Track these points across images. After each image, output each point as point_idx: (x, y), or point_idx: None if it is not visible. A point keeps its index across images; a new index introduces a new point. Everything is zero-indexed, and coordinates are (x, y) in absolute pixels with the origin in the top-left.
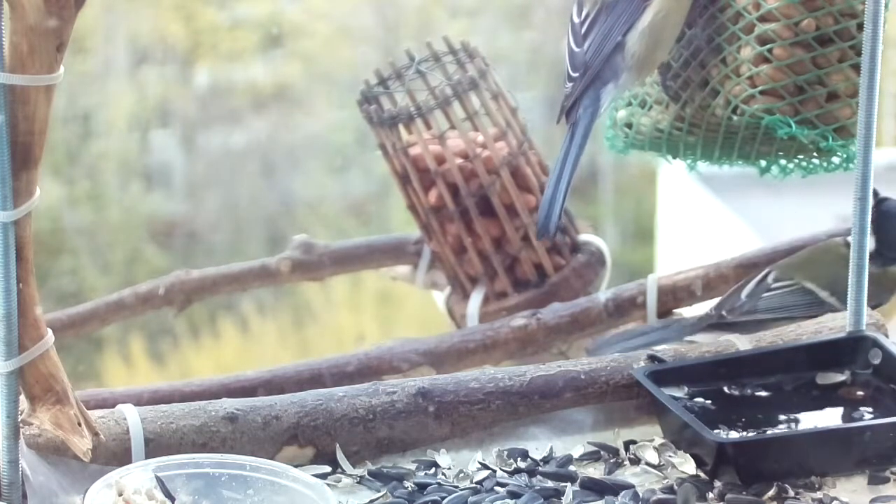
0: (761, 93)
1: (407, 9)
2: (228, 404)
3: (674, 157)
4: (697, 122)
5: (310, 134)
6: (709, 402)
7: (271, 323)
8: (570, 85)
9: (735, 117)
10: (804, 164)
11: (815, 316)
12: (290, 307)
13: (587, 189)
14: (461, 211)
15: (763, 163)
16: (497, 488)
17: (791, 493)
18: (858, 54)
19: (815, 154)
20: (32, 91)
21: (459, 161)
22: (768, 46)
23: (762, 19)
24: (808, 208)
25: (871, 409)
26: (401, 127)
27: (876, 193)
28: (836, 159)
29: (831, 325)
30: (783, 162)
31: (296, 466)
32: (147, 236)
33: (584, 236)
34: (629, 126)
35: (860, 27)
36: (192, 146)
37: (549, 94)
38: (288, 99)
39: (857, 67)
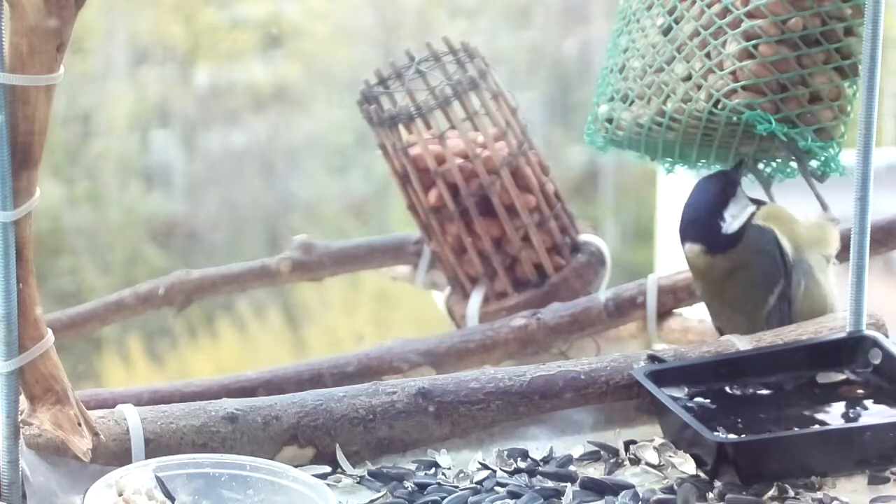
0: (744, 88)
1: (407, 9)
2: (228, 404)
3: (652, 158)
4: (678, 117)
5: (310, 134)
6: (709, 402)
7: (269, 323)
8: None
9: (716, 111)
10: (782, 166)
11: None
12: (288, 307)
13: (587, 189)
14: (461, 211)
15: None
16: (497, 488)
17: (791, 493)
18: (844, 58)
19: (793, 157)
20: (32, 91)
21: (459, 161)
22: (754, 42)
23: (749, 15)
24: (807, 208)
25: (870, 409)
26: (401, 127)
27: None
28: (814, 162)
29: (831, 325)
30: (761, 165)
31: (296, 466)
32: (147, 236)
33: (584, 236)
34: (610, 121)
35: (847, 31)
36: (192, 146)
37: (549, 94)
38: (288, 99)
39: (841, 71)
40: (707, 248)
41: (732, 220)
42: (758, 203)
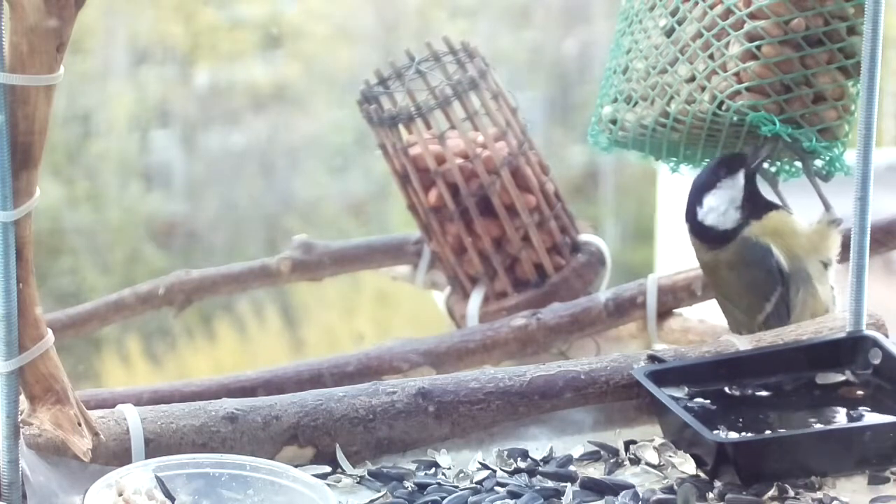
0: (747, 89)
1: (407, 9)
2: (228, 404)
3: (656, 158)
4: (682, 118)
5: (309, 134)
6: (709, 402)
7: (268, 324)
8: None
9: (720, 113)
10: (787, 167)
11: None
12: (287, 308)
13: (587, 189)
14: (461, 211)
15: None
16: (497, 488)
17: (791, 493)
18: (847, 57)
19: (797, 157)
20: (32, 91)
21: (459, 161)
22: (757, 43)
23: (752, 16)
24: (807, 208)
25: (871, 409)
26: (401, 127)
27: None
28: (818, 162)
29: (831, 326)
30: (766, 165)
31: (296, 466)
32: (147, 236)
33: (584, 236)
34: (614, 122)
35: (850, 30)
36: (192, 146)
37: (549, 94)
38: (288, 99)
39: (844, 70)
40: (689, 229)
41: (709, 211)
42: (766, 207)
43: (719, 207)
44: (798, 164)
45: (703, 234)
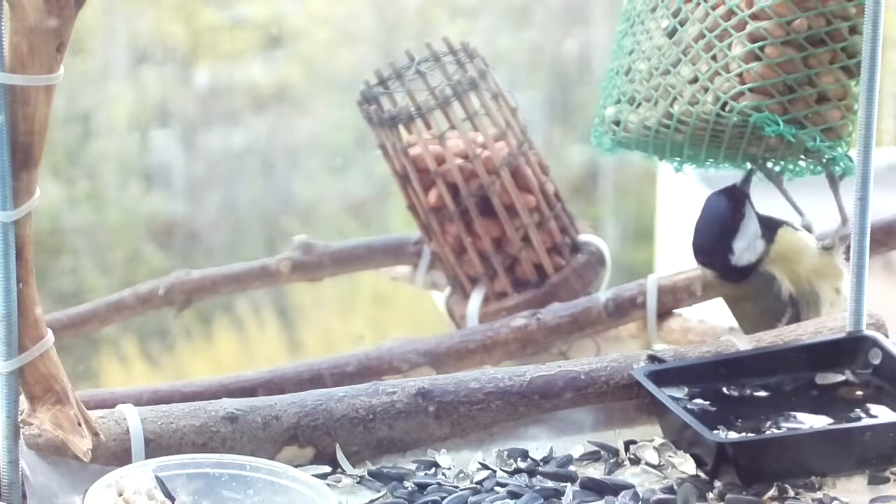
0: (751, 90)
1: (407, 10)
2: (228, 404)
3: (660, 158)
4: (685, 119)
5: (309, 134)
6: (709, 402)
7: (267, 325)
8: None
9: (723, 114)
10: (790, 166)
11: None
12: (286, 309)
13: (587, 189)
14: (461, 211)
15: (749, 166)
16: (497, 488)
17: (791, 493)
18: (850, 57)
19: (802, 156)
20: (32, 91)
21: (459, 161)
22: (759, 44)
23: (754, 17)
24: (808, 208)
25: (870, 409)
26: (401, 127)
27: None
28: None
29: (831, 326)
30: (769, 165)
31: (296, 466)
32: (147, 236)
33: (584, 236)
34: (617, 124)
35: (852, 30)
36: (192, 146)
37: (549, 94)
38: (288, 99)
39: (847, 70)
40: (719, 276)
41: (742, 253)
42: (773, 227)
43: (747, 245)
44: (801, 163)
45: (734, 274)
